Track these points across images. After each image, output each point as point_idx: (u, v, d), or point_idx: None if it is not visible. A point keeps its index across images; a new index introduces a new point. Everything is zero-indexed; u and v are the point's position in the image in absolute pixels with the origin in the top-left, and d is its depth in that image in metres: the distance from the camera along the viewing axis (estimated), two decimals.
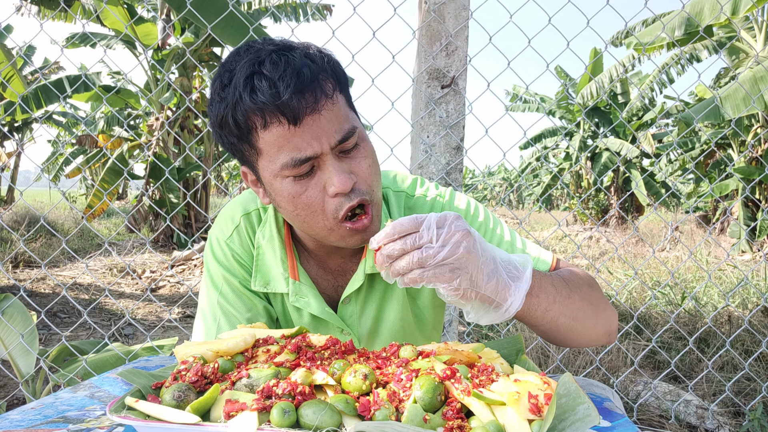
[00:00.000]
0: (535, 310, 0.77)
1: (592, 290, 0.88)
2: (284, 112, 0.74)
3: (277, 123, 0.76)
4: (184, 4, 3.68)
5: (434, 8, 1.96)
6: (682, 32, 6.26)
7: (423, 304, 1.03)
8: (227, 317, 0.97)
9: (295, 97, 0.74)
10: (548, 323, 0.80)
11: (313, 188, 0.80)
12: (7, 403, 2.59)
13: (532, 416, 0.59)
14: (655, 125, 14.52)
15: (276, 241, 0.96)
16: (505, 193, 27.10)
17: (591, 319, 0.85)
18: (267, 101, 0.74)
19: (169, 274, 5.94)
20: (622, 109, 13.46)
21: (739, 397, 2.73)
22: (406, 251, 0.68)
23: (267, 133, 0.77)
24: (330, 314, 0.97)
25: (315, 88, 0.76)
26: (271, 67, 0.75)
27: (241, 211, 1.00)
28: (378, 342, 1.02)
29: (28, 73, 11.18)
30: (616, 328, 0.91)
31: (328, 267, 1.00)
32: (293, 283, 0.96)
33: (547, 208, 24.69)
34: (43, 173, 2.18)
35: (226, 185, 30.20)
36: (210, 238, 1.02)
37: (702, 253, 6.16)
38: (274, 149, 0.78)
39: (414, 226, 0.68)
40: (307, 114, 0.75)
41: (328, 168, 0.79)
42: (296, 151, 0.77)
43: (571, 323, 0.82)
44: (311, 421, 0.58)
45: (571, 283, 0.85)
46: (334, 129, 0.78)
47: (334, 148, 0.79)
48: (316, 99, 0.76)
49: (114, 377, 0.96)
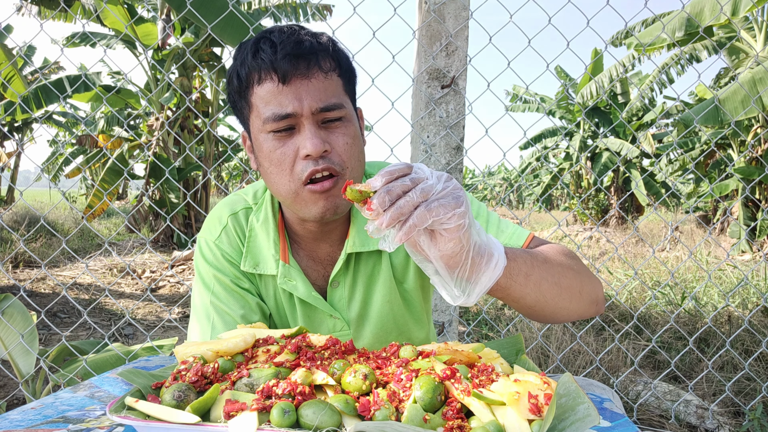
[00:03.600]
0: (517, 274, 0.74)
1: (571, 258, 0.87)
2: (276, 70, 0.82)
3: (269, 80, 0.83)
4: (184, 4, 3.68)
5: (434, 8, 1.96)
6: (683, 33, 6.27)
7: (409, 287, 1.05)
8: (221, 316, 0.97)
9: (289, 59, 0.82)
10: (533, 290, 0.76)
11: (288, 147, 0.85)
12: (7, 403, 2.59)
13: (532, 416, 0.59)
14: (655, 125, 14.52)
15: (270, 224, 1.00)
16: (505, 193, 27.11)
17: (576, 285, 0.83)
18: (265, 59, 0.83)
19: (169, 274, 5.94)
20: (622, 109, 13.46)
21: (739, 397, 2.73)
22: (407, 188, 0.62)
23: (260, 88, 0.84)
24: (316, 298, 0.99)
25: (311, 58, 0.84)
26: (278, 34, 0.84)
27: (228, 212, 1.03)
28: (368, 325, 1.03)
29: (28, 73, 11.18)
30: (602, 298, 0.89)
31: (317, 256, 1.02)
32: (283, 266, 0.98)
33: (547, 208, 24.69)
34: (43, 173, 2.17)
35: (226, 185, 30.20)
36: (199, 242, 1.04)
37: (702, 253, 6.16)
38: (262, 104, 0.85)
39: (407, 167, 0.65)
40: (297, 77, 0.83)
41: (305, 131, 0.84)
42: (279, 107, 0.83)
43: (556, 289, 0.79)
44: (311, 421, 0.59)
45: (547, 252, 0.84)
46: (319, 96, 0.84)
47: (315, 114, 0.84)
48: (308, 66, 0.84)
49: (114, 377, 0.96)
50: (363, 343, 1.04)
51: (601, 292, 0.89)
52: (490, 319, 2.40)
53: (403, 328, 1.07)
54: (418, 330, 1.11)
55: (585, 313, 0.87)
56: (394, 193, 0.61)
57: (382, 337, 1.04)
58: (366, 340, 1.04)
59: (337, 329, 1.03)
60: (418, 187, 0.62)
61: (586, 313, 0.87)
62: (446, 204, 0.63)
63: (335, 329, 1.03)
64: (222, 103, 9.70)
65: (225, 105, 9.94)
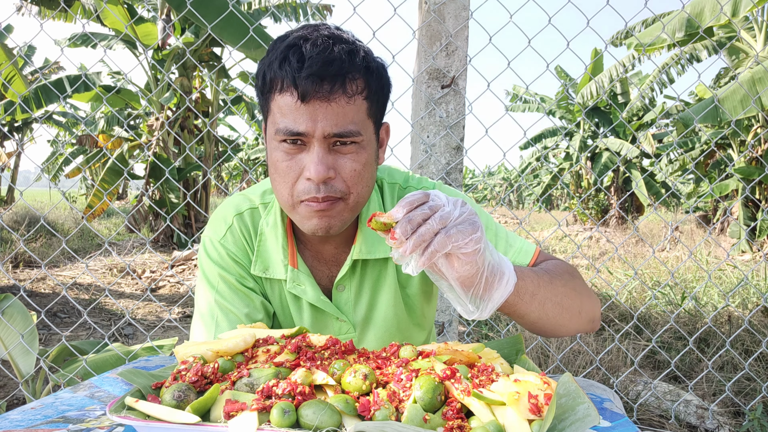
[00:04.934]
0: (524, 293, 0.78)
1: (573, 278, 0.92)
2: (297, 87, 0.81)
3: (290, 94, 0.82)
4: (184, 3, 3.68)
5: (434, 8, 1.96)
6: (683, 33, 6.26)
7: (412, 292, 1.06)
8: (225, 314, 0.98)
9: (312, 80, 0.80)
10: (537, 308, 0.81)
11: (295, 163, 0.85)
12: (7, 403, 2.59)
13: (532, 416, 0.59)
14: (655, 125, 14.52)
15: (279, 229, 1.00)
16: (505, 193, 27.11)
17: (576, 305, 0.88)
18: (288, 73, 0.81)
19: (169, 274, 5.94)
20: (622, 109, 13.46)
21: (739, 397, 2.73)
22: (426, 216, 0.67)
23: (280, 97, 0.83)
24: (325, 302, 1.00)
25: (336, 80, 0.81)
26: (311, 47, 0.81)
27: (233, 212, 1.03)
28: (372, 329, 1.05)
29: (28, 73, 11.19)
30: (599, 316, 0.95)
31: (323, 257, 1.02)
32: (291, 271, 0.99)
33: (547, 208, 24.69)
34: (43, 173, 2.18)
35: (226, 185, 30.18)
36: (203, 241, 1.04)
37: (702, 253, 6.16)
38: (279, 114, 0.84)
39: (424, 195, 0.69)
40: (316, 98, 0.81)
41: (313, 153, 0.83)
42: (293, 123, 0.82)
43: (558, 309, 0.84)
44: (311, 421, 0.59)
45: (551, 272, 0.88)
46: (336, 121, 0.82)
47: (327, 137, 0.83)
48: (331, 89, 0.81)
49: (114, 377, 0.96)
50: (367, 345, 1.05)
51: (599, 310, 0.95)
52: (490, 319, 2.40)
53: (406, 332, 1.08)
54: (419, 333, 1.12)
55: (582, 330, 0.93)
56: (414, 222, 0.66)
57: (386, 340, 1.05)
58: (370, 344, 1.05)
59: (343, 331, 1.04)
60: (437, 214, 0.66)
61: (583, 330, 0.93)
62: (464, 230, 0.67)
63: (341, 332, 1.04)
64: (222, 103, 9.70)
65: (225, 105, 9.95)
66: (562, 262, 0.97)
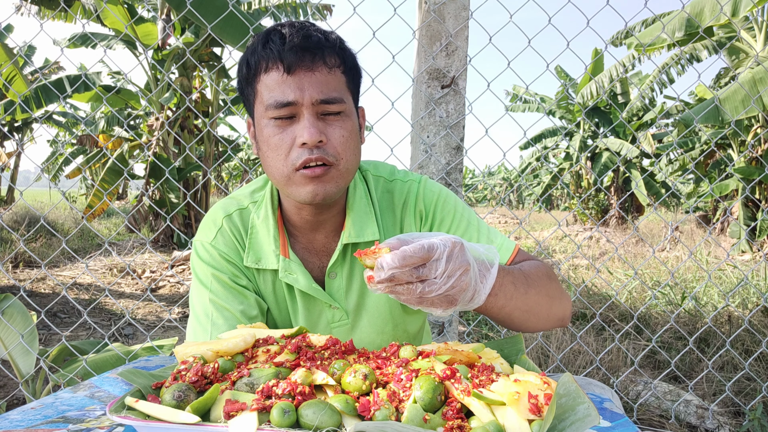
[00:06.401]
0: (491, 308, 0.84)
1: (550, 282, 0.96)
2: (283, 60, 0.87)
3: (275, 69, 0.88)
4: (184, 3, 3.68)
5: (434, 8, 1.96)
6: (683, 33, 6.26)
7: None
8: (220, 311, 0.99)
9: (295, 51, 0.87)
10: (503, 317, 0.89)
11: (286, 134, 0.89)
12: (7, 403, 2.59)
13: (532, 416, 0.59)
14: (655, 125, 14.51)
15: (270, 221, 1.02)
16: (505, 193, 27.10)
17: (544, 311, 0.94)
18: (273, 50, 0.87)
19: (169, 274, 5.94)
20: (622, 109, 13.46)
21: (739, 397, 2.73)
22: (411, 282, 0.70)
23: (266, 76, 0.89)
24: (317, 290, 1.02)
25: (316, 52, 0.88)
26: (289, 28, 0.89)
27: (222, 214, 1.06)
28: (366, 315, 1.06)
29: (28, 73, 11.18)
30: (569, 314, 1.01)
31: (313, 248, 1.05)
32: (283, 260, 1.01)
33: (547, 208, 24.68)
34: (43, 173, 2.18)
35: (226, 185, 30.18)
36: (195, 245, 1.06)
37: (702, 253, 6.16)
38: (267, 91, 0.89)
39: (423, 257, 0.70)
40: (301, 68, 0.87)
41: (303, 120, 0.88)
42: (282, 95, 0.88)
43: (525, 315, 0.90)
44: (311, 421, 0.59)
45: (530, 278, 0.92)
46: (320, 89, 0.88)
47: (315, 104, 0.88)
48: (313, 59, 0.88)
49: (114, 377, 0.96)
50: (360, 333, 1.07)
51: (569, 309, 1.00)
52: (490, 319, 2.40)
53: (398, 319, 1.09)
54: (412, 322, 1.13)
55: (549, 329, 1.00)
56: (394, 282, 0.70)
57: (379, 327, 1.07)
58: (363, 330, 1.06)
59: (336, 319, 1.05)
60: (418, 286, 0.70)
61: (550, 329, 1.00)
62: (437, 304, 0.72)
63: (334, 319, 1.05)
64: (222, 103, 9.70)
65: (225, 105, 9.94)
66: (539, 264, 1.00)
